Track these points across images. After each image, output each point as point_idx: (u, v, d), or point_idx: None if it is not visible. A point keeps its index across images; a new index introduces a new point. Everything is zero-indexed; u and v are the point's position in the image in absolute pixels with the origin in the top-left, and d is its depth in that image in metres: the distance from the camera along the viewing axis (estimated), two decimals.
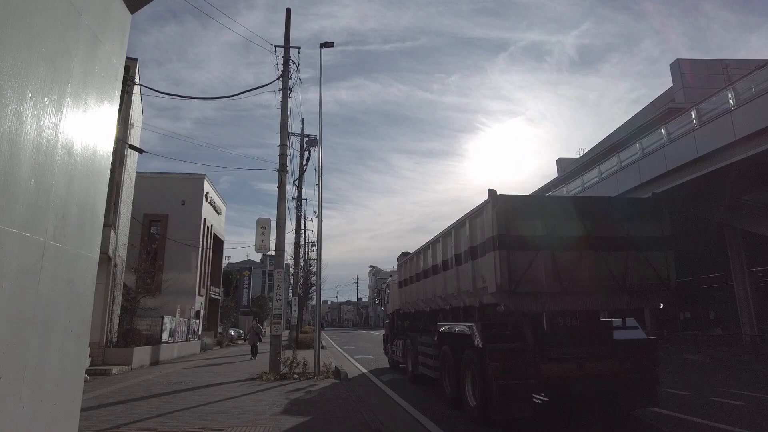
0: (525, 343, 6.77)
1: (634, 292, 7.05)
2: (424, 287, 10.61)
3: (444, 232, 9.30)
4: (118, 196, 15.35)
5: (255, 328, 20.27)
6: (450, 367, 8.43)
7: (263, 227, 15.21)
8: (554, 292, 6.73)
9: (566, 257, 6.83)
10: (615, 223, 7.21)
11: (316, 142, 29.77)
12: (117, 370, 13.62)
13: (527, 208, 7.29)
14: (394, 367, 14.62)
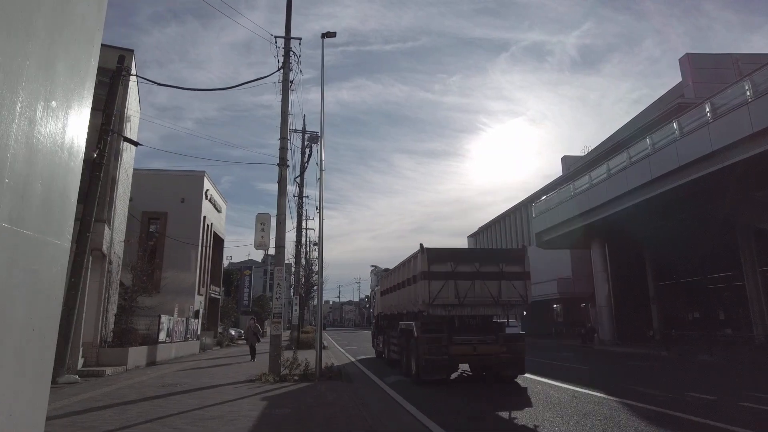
0: (441, 334, 10.96)
1: (505, 305, 11.39)
2: (394, 297, 14.85)
3: (401, 263, 14.06)
4: (114, 191, 14.86)
5: (253, 328, 19.19)
6: (404, 350, 12.74)
7: (263, 224, 14.71)
8: (455, 304, 11.10)
9: (463, 284, 11.18)
10: (494, 263, 11.57)
11: (318, 139, 29.30)
12: (111, 371, 13.13)
13: (441, 255, 11.56)
14: (379, 357, 18.26)
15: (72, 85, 3.19)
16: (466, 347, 10.90)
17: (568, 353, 21.78)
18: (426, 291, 10.99)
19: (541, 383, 11.18)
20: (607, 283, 27.13)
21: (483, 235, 57.03)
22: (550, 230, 29.32)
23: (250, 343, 18.75)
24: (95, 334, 13.88)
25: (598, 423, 6.86)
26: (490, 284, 11.22)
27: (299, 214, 27.97)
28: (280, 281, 13.75)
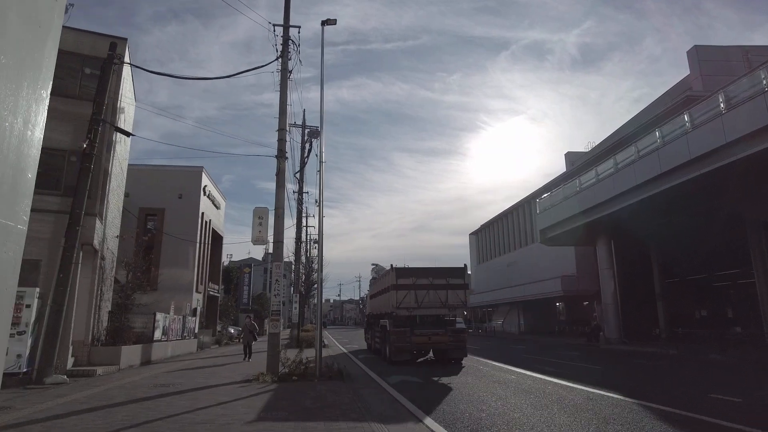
0: (406, 329, 14.87)
1: (450, 308, 15.38)
2: (376, 301, 19.57)
3: (380, 276, 20.18)
4: (106, 184, 14.33)
5: (249, 326, 18.03)
6: (382, 341, 17.09)
7: (260, 218, 14.18)
8: (415, 307, 15.05)
9: (421, 293, 15.22)
10: (442, 278, 15.58)
11: (318, 134, 28.77)
12: (102, 370, 12.60)
13: (406, 272, 15.84)
14: (369, 349, 22.08)
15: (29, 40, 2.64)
16: (424, 338, 15.08)
17: (575, 352, 21.26)
18: (395, 298, 15.26)
19: (552, 384, 10.66)
20: (613, 281, 26.59)
21: (485, 232, 56.48)
22: (555, 227, 28.76)
23: (246, 341, 17.73)
24: (87, 333, 13.36)
25: (621, 429, 6.34)
26: (440, 293, 15.46)
27: (299, 210, 27.46)
28: (278, 277, 13.24)
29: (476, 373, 12.91)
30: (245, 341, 17.79)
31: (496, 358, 17.76)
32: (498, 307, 51.15)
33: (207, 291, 30.79)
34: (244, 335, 18.23)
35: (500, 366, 14.68)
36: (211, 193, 30.58)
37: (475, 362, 15.97)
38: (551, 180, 40.12)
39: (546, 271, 37.59)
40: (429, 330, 15.06)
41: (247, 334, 17.92)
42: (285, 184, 14.07)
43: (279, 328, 12.83)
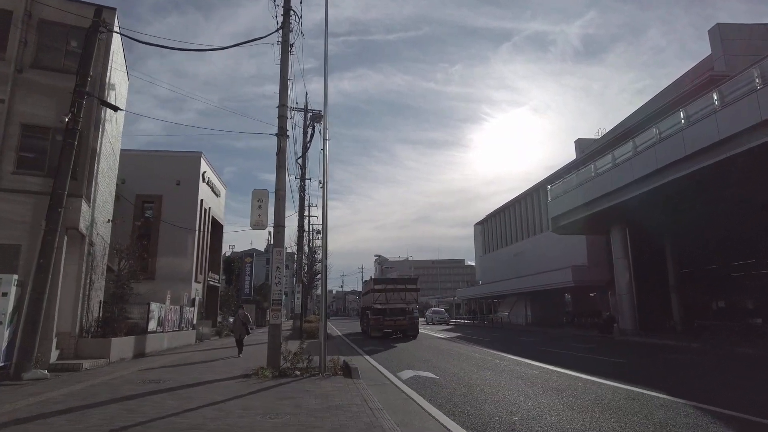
0: (380, 316, 24.55)
1: (407, 303, 25.15)
2: (364, 299, 29.42)
3: (366, 282, 33.29)
4: (94, 164, 13.31)
5: (242, 318, 16.10)
6: (367, 324, 26.32)
7: (260, 200, 13.16)
8: (385, 303, 24.81)
9: (389, 294, 25.20)
10: (402, 284, 26.19)
11: (321, 118, 27.65)
12: (90, 364, 11.66)
13: (380, 281, 27.57)
14: (363, 332, 28.88)
15: None
16: (391, 322, 24.57)
17: (590, 344, 20.28)
18: (373, 297, 25.20)
19: (582, 380, 9.67)
20: (628, 271, 25.54)
21: (491, 222, 55.40)
22: (567, 214, 27.64)
23: (239, 334, 15.79)
24: (73, 324, 12.41)
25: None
26: (401, 294, 25.26)
27: (301, 198, 26.43)
28: (279, 264, 12.25)
29: (494, 367, 11.93)
30: (237, 334, 15.90)
31: (510, 350, 16.79)
32: (504, 298, 50.22)
33: (207, 281, 29.88)
34: (235, 328, 16.18)
35: (518, 359, 13.70)
36: (210, 179, 29.56)
37: (490, 355, 15.00)
38: (560, 168, 38.97)
39: (555, 261, 36.56)
40: (395, 317, 24.99)
41: (239, 326, 15.94)
42: (286, 165, 13.06)
43: (280, 319, 11.86)
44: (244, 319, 16.05)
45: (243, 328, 15.84)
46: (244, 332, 15.80)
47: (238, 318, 16.25)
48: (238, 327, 15.98)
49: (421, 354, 15.69)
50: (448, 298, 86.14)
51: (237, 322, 16.28)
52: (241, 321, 16.00)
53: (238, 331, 15.91)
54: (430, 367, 12.11)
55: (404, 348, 18.37)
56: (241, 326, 15.86)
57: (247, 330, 16.10)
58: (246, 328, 15.98)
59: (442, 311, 52.60)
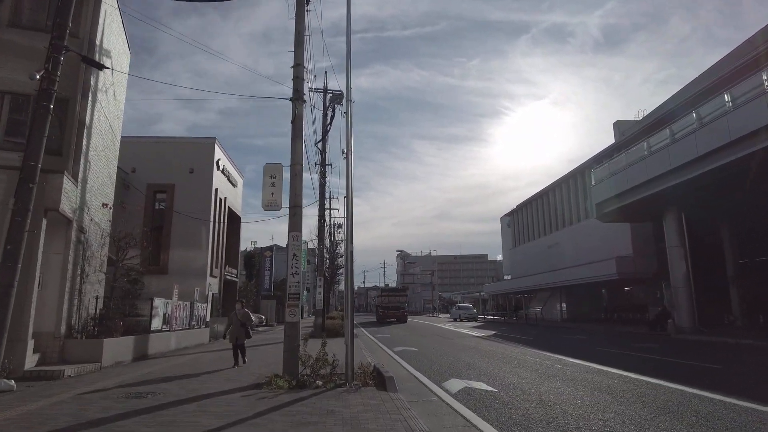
0: (385, 311, 44.74)
1: (400, 303, 45.01)
2: (378, 300, 49.05)
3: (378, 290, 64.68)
4: (82, 138, 11.48)
5: (240, 316, 11.80)
6: (377, 315, 47.58)
7: (273, 176, 11.12)
8: (387, 303, 45.17)
9: (389, 297, 46.19)
10: (396, 291, 50.05)
11: (342, 98, 25.65)
12: (74, 370, 9.83)
13: (384, 290, 52.98)
14: (378, 321, 44.02)
15: None
16: (390, 314, 42.84)
17: (649, 344, 17.82)
18: (380, 300, 46.68)
19: (692, 395, 7.37)
20: (684, 261, 22.85)
21: (521, 213, 52.69)
22: (614, 199, 25.01)
23: (236, 338, 11.63)
24: (58, 322, 10.62)
25: None
26: (396, 297, 44.77)
27: (321, 185, 24.44)
28: (296, 251, 10.24)
29: (560, 375, 9.70)
30: (233, 338, 11.64)
31: (562, 351, 14.49)
32: (536, 293, 47.60)
33: (224, 275, 28.22)
34: (231, 330, 11.77)
35: (582, 364, 11.42)
36: (225, 168, 27.83)
37: (544, 358, 12.74)
38: (598, 152, 36.18)
39: (595, 253, 33.88)
40: (393, 311, 42.88)
41: (236, 328, 11.67)
42: (302, 135, 11.03)
43: (298, 316, 9.86)
44: (243, 317, 11.81)
45: (242, 330, 11.68)
46: (243, 335, 11.72)
47: (235, 316, 11.83)
48: (235, 329, 11.64)
49: (463, 356, 13.53)
50: (473, 293, 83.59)
51: (233, 322, 11.80)
52: (238, 321, 11.71)
53: (234, 333, 11.61)
54: (481, 374, 9.95)
55: (440, 349, 16.22)
56: (238, 327, 11.63)
57: (248, 332, 11.89)
58: (246, 329, 11.82)
59: (470, 307, 50.26)
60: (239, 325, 11.67)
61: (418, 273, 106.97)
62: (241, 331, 11.64)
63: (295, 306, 9.91)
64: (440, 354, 14.20)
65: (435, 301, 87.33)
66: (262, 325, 37.12)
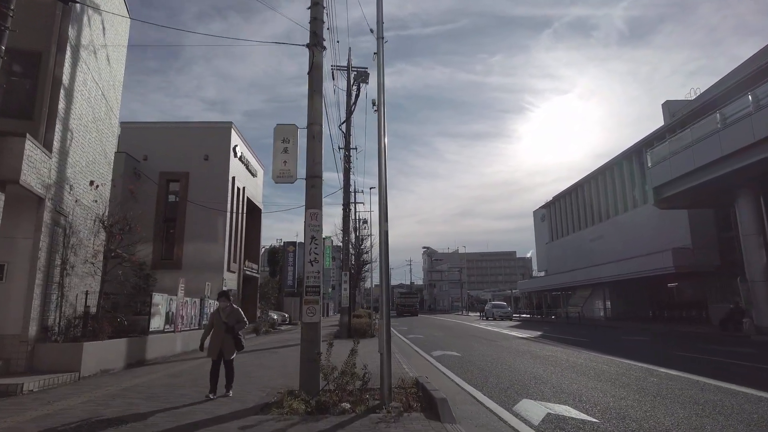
0: (403, 307, 64.70)
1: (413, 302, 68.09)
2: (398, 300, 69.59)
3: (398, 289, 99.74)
4: (57, 99, 9.50)
5: (227, 315, 7.54)
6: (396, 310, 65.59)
7: (286, 140, 8.91)
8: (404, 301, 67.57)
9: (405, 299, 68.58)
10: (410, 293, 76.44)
11: (367, 77, 23.41)
12: (38, 383, 7.81)
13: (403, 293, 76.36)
14: (398, 314, 61.54)
15: None
16: (405, 310, 62.89)
17: (731, 347, 15.03)
18: (400, 300, 68.41)
19: None
20: (764, 250, 19.83)
21: (558, 205, 49.54)
22: (677, 182, 22.07)
23: (216, 351, 7.39)
24: (26, 323, 8.66)
25: None
26: (410, 298, 69.25)
27: (346, 169, 22.23)
28: (314, 233, 8.04)
29: (668, 394, 7.19)
30: (214, 351, 7.39)
31: (638, 357, 11.89)
32: (576, 290, 44.48)
33: (243, 270, 26.37)
34: (212, 337, 7.53)
35: (680, 376, 8.86)
36: (243, 155, 25.93)
37: (624, 367, 10.20)
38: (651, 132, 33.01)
39: (646, 245, 30.82)
40: (407, 308, 63.13)
41: (219, 335, 7.42)
42: (322, 89, 8.84)
43: (319, 315, 7.68)
44: (229, 317, 7.48)
45: (227, 338, 7.38)
46: (230, 347, 7.41)
47: (217, 316, 7.52)
48: (216, 336, 7.40)
49: (521, 364, 11.11)
50: (504, 291, 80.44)
51: (214, 325, 7.49)
52: (222, 322, 7.42)
53: (216, 343, 7.36)
54: (559, 392, 7.53)
55: (487, 353, 13.81)
56: (222, 334, 7.37)
57: (237, 342, 7.51)
58: (235, 337, 7.47)
59: (505, 305, 47.41)
60: (223, 329, 7.31)
61: (446, 270, 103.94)
62: (226, 341, 7.30)
63: (315, 303, 7.71)
64: (491, 361, 11.80)
65: (464, 299, 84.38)
66: (285, 323, 35.27)
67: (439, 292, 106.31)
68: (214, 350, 7.40)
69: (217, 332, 7.44)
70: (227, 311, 7.59)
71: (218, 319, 7.50)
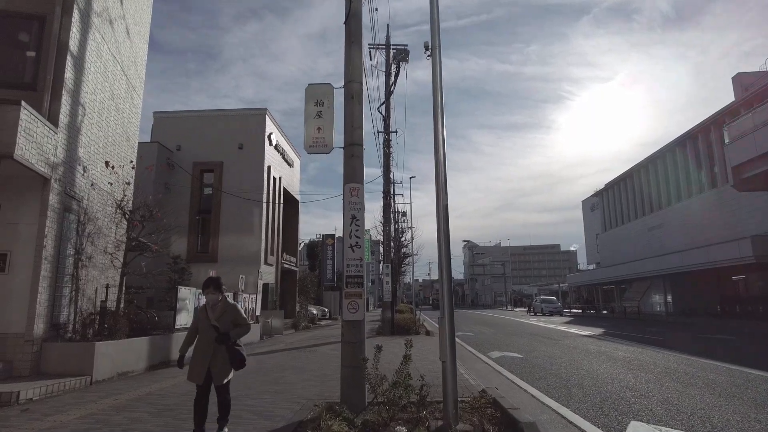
0: None
1: None
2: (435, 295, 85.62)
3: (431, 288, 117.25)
4: (63, 66, 8.39)
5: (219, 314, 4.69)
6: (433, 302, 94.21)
7: (319, 103, 7.48)
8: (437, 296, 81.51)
9: None
10: None
11: (407, 54, 21.80)
12: (38, 390, 6.69)
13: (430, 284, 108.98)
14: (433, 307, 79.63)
15: None
16: None
17: None
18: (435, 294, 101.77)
19: None
20: None
21: (612, 192, 46.50)
22: (762, 160, 19.42)
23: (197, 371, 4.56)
24: (31, 320, 7.59)
25: None
26: None
27: (386, 154, 20.74)
28: (355, 212, 6.59)
29: None
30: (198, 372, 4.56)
31: (748, 362, 9.88)
32: (632, 283, 41.53)
33: (281, 263, 25.37)
34: (195, 347, 4.69)
35: None
36: (279, 144, 24.87)
37: (739, 376, 8.26)
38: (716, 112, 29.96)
39: (717, 233, 27.95)
40: None
41: (205, 341, 4.62)
42: (361, 41, 7.35)
43: (363, 311, 6.25)
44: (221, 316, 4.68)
45: (219, 350, 4.57)
46: (223, 362, 4.57)
47: (203, 315, 4.71)
48: (203, 346, 4.62)
49: (601, 369, 9.34)
50: (551, 285, 77.25)
51: (200, 328, 4.69)
52: (209, 324, 4.62)
53: (201, 358, 4.57)
54: (679, 412, 5.79)
55: (555, 355, 12.06)
56: (209, 343, 4.57)
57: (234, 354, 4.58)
58: (230, 347, 4.58)
59: (554, 300, 44.89)
60: (213, 337, 4.55)
61: (487, 264, 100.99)
62: (218, 356, 4.56)
63: (358, 296, 6.26)
64: (563, 365, 10.06)
65: (509, 294, 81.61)
66: (325, 318, 34.26)
67: (480, 287, 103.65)
68: (197, 370, 4.50)
69: (204, 342, 4.57)
70: (218, 309, 4.68)
71: (204, 322, 4.61)
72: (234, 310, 4.82)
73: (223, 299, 4.85)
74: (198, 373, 4.55)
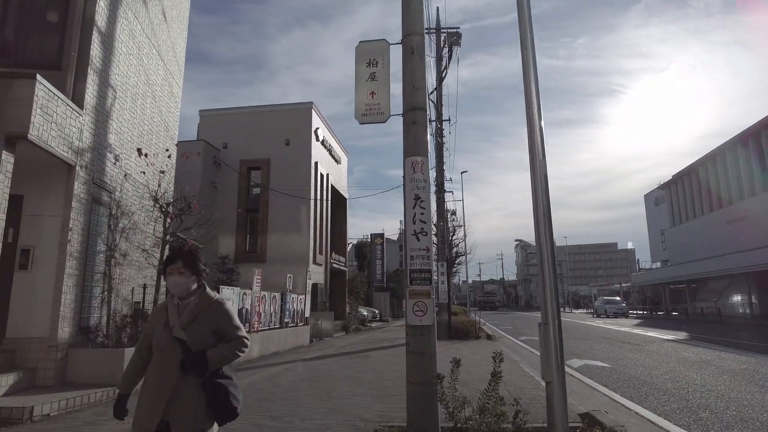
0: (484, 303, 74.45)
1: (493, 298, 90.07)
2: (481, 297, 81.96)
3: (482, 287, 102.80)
4: (89, 42, 7.59)
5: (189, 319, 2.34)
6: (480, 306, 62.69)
7: (372, 63, 6.24)
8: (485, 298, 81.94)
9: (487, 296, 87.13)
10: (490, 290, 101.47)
11: (460, 37, 20.34)
12: (57, 405, 5.79)
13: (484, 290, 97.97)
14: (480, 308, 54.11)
15: None
16: (487, 306, 75.07)
17: None
18: (481, 296, 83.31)
19: None
20: None
21: (682, 184, 42.97)
22: None
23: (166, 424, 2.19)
24: (54, 323, 6.77)
25: None
26: (490, 296, 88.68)
27: (439, 144, 19.36)
28: (419, 191, 5.27)
29: None
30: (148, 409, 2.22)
31: None
32: (706, 282, 38.04)
33: (330, 263, 24.48)
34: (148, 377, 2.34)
35: None
36: (326, 140, 24.01)
37: None
38: None
39: None
40: (488, 304, 78.12)
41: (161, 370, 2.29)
42: None
43: (432, 315, 4.93)
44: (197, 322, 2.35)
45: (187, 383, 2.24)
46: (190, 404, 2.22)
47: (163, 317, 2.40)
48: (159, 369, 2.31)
49: (717, 384, 7.62)
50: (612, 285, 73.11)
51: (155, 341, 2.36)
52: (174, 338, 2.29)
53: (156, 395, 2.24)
54: None
55: (646, 364, 10.30)
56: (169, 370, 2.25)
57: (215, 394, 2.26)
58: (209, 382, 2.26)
59: (619, 300, 41.92)
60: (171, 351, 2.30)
61: None
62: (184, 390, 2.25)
63: (426, 296, 4.92)
64: (667, 378, 8.36)
65: (567, 295, 78.07)
66: (376, 320, 33.20)
67: (535, 288, 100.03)
68: (147, 414, 2.25)
69: (159, 368, 2.34)
70: (189, 308, 2.42)
71: (161, 333, 2.37)
72: (221, 310, 2.44)
73: (201, 291, 2.48)
74: (148, 417, 2.23)
